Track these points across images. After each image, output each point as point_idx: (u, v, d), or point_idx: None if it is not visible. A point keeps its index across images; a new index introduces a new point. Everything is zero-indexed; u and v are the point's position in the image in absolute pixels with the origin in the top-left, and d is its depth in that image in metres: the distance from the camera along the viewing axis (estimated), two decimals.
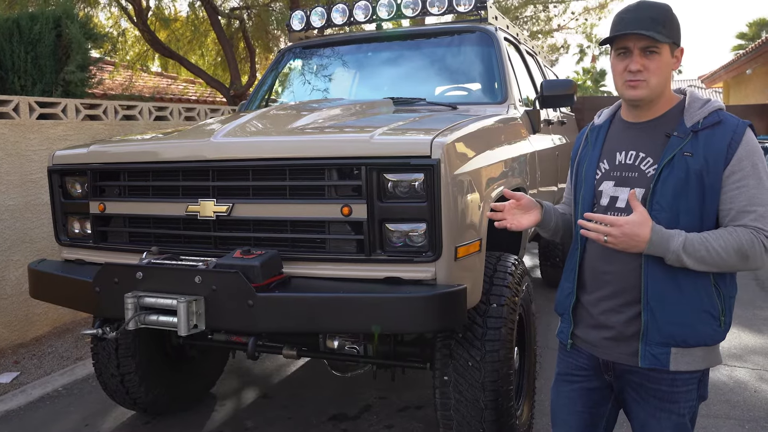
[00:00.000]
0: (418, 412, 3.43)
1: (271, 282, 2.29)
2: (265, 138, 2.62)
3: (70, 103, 5.12)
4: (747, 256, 1.59)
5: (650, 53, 1.65)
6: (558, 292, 1.95)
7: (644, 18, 1.64)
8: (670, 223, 1.63)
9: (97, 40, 6.44)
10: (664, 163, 1.65)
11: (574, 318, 1.86)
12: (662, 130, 1.70)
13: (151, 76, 14.24)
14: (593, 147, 1.85)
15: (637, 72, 1.66)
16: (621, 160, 1.76)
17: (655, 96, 1.70)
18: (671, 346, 1.67)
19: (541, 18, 16.08)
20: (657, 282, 1.66)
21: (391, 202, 2.28)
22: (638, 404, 1.78)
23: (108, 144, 2.95)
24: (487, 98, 3.62)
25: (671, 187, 1.64)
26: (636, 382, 1.76)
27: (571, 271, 1.86)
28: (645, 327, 1.67)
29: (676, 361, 1.67)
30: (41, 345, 4.70)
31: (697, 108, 1.69)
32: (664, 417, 1.72)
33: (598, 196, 1.79)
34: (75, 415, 3.57)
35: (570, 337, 1.87)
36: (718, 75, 18.09)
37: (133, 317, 2.34)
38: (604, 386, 1.86)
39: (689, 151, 1.63)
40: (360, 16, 4.02)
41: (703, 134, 1.64)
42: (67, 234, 2.95)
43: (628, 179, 1.73)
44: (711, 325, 1.67)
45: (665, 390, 1.71)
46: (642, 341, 1.68)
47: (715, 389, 3.63)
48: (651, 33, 1.61)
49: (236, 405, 3.67)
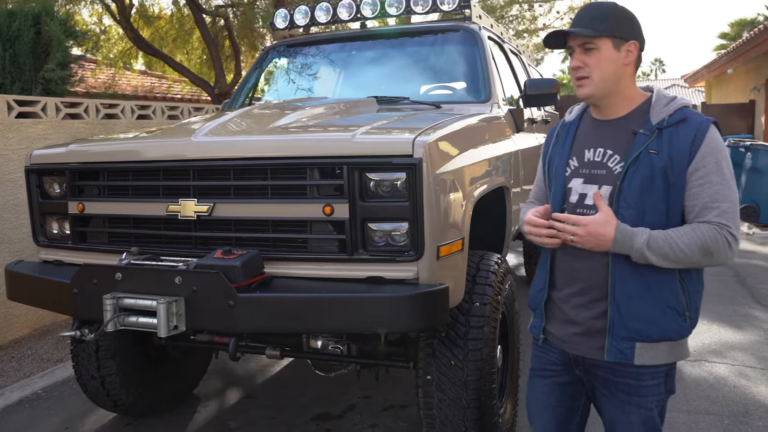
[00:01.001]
0: (402, 411, 3.43)
1: (252, 282, 2.27)
2: (247, 137, 2.60)
3: (50, 101, 5.05)
4: (711, 252, 1.62)
5: (588, 50, 1.70)
6: (531, 288, 1.98)
7: (583, 17, 1.72)
8: (637, 220, 1.66)
9: (78, 37, 6.37)
10: (630, 160, 1.67)
11: (546, 313, 1.89)
12: (629, 127, 1.73)
13: (134, 74, 14.11)
14: (563, 144, 1.87)
15: (578, 68, 1.72)
16: (590, 158, 1.78)
17: (604, 93, 1.74)
18: (636, 341, 1.70)
19: (526, 17, 16.16)
20: (623, 279, 1.68)
21: (373, 202, 2.27)
22: (606, 399, 1.81)
23: (87, 143, 2.91)
24: (471, 97, 3.62)
25: (637, 184, 1.66)
26: (603, 377, 1.79)
27: (543, 267, 1.89)
28: (611, 322, 1.71)
29: (640, 356, 1.70)
30: (20, 347, 4.63)
31: (662, 106, 1.72)
32: (632, 411, 1.76)
33: (567, 193, 1.81)
34: (55, 418, 3.52)
35: (542, 332, 1.90)
36: (701, 74, 18.30)
37: (112, 319, 2.31)
38: (576, 381, 1.89)
39: (654, 149, 1.66)
40: (344, 14, 4.00)
41: (667, 132, 1.67)
42: (45, 235, 2.91)
43: (596, 176, 1.75)
44: (676, 321, 1.70)
45: (632, 384, 1.74)
46: (608, 336, 1.72)
47: (695, 385, 3.67)
48: (577, 30, 1.69)
49: (219, 405, 3.64)
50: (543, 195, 2.01)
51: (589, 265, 1.74)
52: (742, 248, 7.65)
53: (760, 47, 12.05)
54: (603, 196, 1.70)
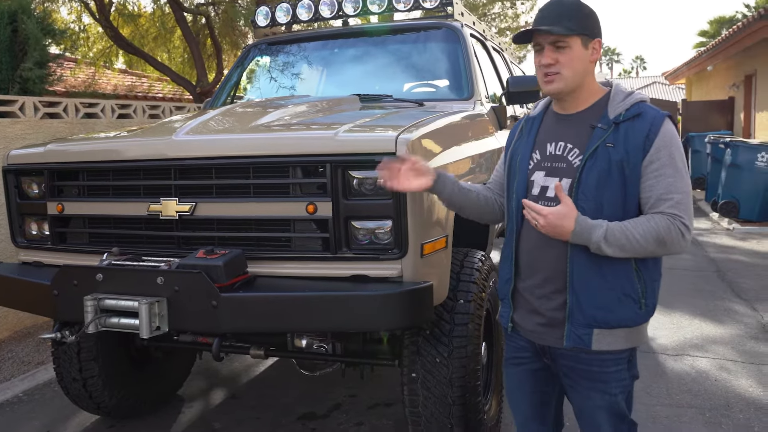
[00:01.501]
0: (388, 410, 3.43)
1: (235, 282, 2.26)
2: (228, 136, 2.58)
3: (28, 100, 4.97)
4: (665, 241, 1.67)
5: (559, 47, 1.73)
6: (499, 277, 2.01)
7: (551, 14, 1.74)
8: (595, 213, 1.71)
9: (56, 35, 6.28)
10: (588, 154, 1.72)
11: (513, 303, 1.93)
12: (588, 122, 1.78)
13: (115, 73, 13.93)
14: (527, 138, 1.92)
15: (549, 66, 1.74)
16: (551, 151, 1.83)
17: (572, 88, 1.78)
18: (594, 327, 1.75)
19: (508, 15, 16.23)
20: (581, 268, 1.74)
21: (357, 200, 2.27)
22: (572, 389, 1.87)
23: (66, 143, 2.87)
24: (454, 95, 3.63)
25: (595, 177, 1.71)
26: (567, 365, 1.85)
27: (508, 257, 1.93)
28: (570, 310, 1.76)
29: (598, 341, 1.76)
30: (1, 350, 4.56)
31: (619, 100, 1.77)
32: (597, 397, 1.82)
33: (530, 186, 1.86)
34: (36, 421, 3.47)
35: (510, 321, 1.93)
36: (681, 72, 18.50)
37: (93, 320, 2.29)
38: (547, 367, 1.94)
39: (611, 142, 1.71)
40: (326, 12, 3.98)
41: (624, 126, 1.72)
42: (24, 236, 2.86)
43: (557, 170, 1.81)
44: (632, 308, 1.75)
45: (596, 371, 1.80)
46: (567, 322, 1.77)
47: (677, 379, 3.72)
48: (551, 28, 1.71)
49: (204, 406, 3.62)
50: (499, 185, 2.07)
51: (548, 255, 1.79)
52: (723, 243, 7.77)
53: (739, 44, 12.21)
54: (565, 188, 1.75)
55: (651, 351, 4.18)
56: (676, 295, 5.46)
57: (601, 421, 1.84)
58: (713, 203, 9.69)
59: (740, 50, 12.53)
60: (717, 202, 9.37)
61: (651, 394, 3.51)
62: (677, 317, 4.90)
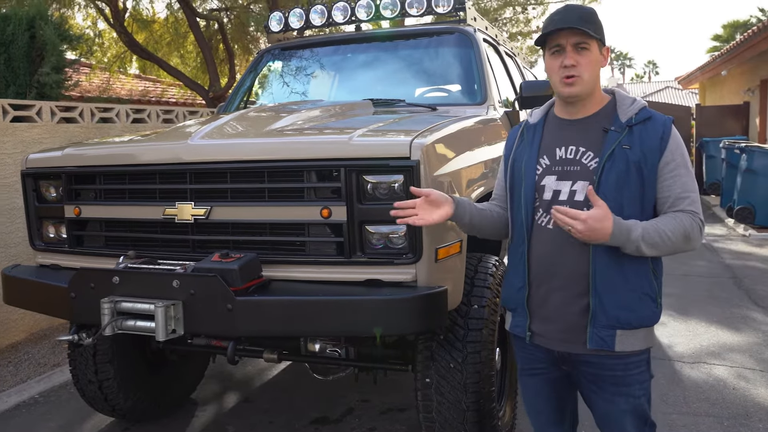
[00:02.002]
0: (401, 415, 3.42)
1: (250, 285, 2.27)
2: (243, 140, 2.59)
3: (45, 105, 5.03)
4: (690, 237, 1.74)
5: (581, 49, 1.77)
6: (505, 288, 2.01)
7: (573, 17, 1.76)
8: (616, 213, 1.72)
9: (73, 41, 6.35)
10: (606, 155, 1.76)
11: (529, 312, 1.91)
12: (599, 126, 1.81)
13: (129, 78, 14.08)
14: (530, 144, 1.92)
15: (572, 67, 1.76)
16: (561, 155, 1.84)
17: (588, 92, 1.81)
18: (616, 328, 1.77)
19: (520, 20, 16.20)
20: (604, 269, 1.76)
21: (371, 204, 2.27)
22: (596, 394, 1.87)
23: (83, 147, 2.90)
24: (467, 99, 3.62)
25: (614, 178, 1.74)
26: (591, 372, 1.85)
27: (520, 265, 1.91)
28: (593, 312, 1.77)
29: (621, 343, 1.78)
30: (17, 351, 4.61)
31: (628, 105, 1.83)
32: (622, 401, 1.84)
33: (540, 191, 1.86)
34: (52, 423, 3.50)
35: (528, 330, 1.91)
36: (694, 76, 18.36)
37: (109, 323, 2.30)
38: (565, 375, 1.94)
39: (627, 144, 1.76)
40: (339, 17, 4.00)
41: (637, 129, 1.77)
42: (42, 239, 2.90)
43: (570, 173, 1.82)
44: (650, 307, 1.80)
45: (620, 375, 1.82)
46: (590, 325, 1.78)
47: (695, 387, 3.67)
48: (582, 27, 1.74)
49: (217, 410, 3.63)
50: (503, 199, 2.05)
51: (567, 259, 1.80)
52: (739, 250, 7.69)
53: (754, 49, 12.10)
54: (580, 191, 1.78)
55: (667, 358, 4.14)
56: (691, 302, 5.40)
57: (626, 425, 1.85)
58: (728, 209, 9.59)
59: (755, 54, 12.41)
60: (732, 207, 9.27)
61: (668, 402, 3.47)
62: (693, 324, 4.85)
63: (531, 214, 1.86)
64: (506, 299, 2.00)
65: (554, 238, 1.80)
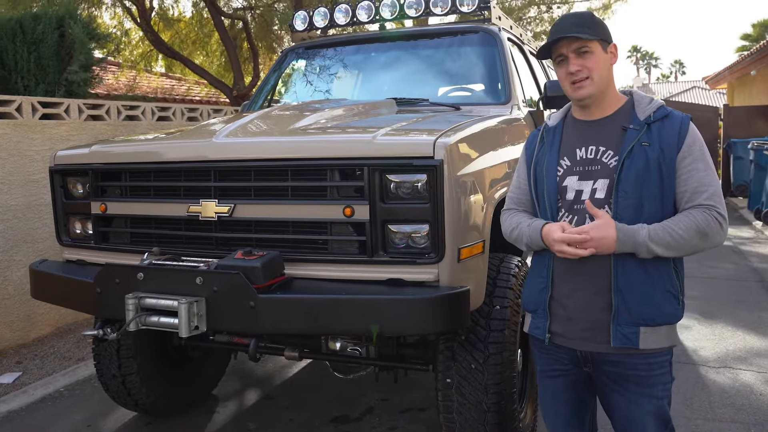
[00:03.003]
0: (421, 415, 3.41)
1: (272, 283, 2.28)
2: (267, 138, 2.61)
3: (73, 103, 5.12)
4: (706, 234, 1.73)
5: (583, 53, 1.81)
6: (526, 289, 2.02)
7: (567, 25, 1.83)
8: (636, 210, 1.76)
9: (100, 40, 6.45)
10: (625, 153, 1.78)
11: (550, 313, 1.90)
12: (617, 125, 1.85)
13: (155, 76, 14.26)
14: (550, 147, 1.95)
15: (577, 72, 1.81)
16: (582, 156, 1.87)
17: (601, 91, 1.85)
18: (640, 325, 1.78)
19: (544, 18, 16.04)
20: (625, 268, 1.77)
21: (394, 203, 2.26)
22: (618, 394, 1.86)
23: (110, 144, 2.94)
24: (491, 99, 3.60)
25: (634, 175, 1.77)
26: (614, 372, 1.85)
27: (542, 266, 1.92)
28: (616, 310, 1.78)
29: (645, 340, 1.78)
30: (43, 345, 4.70)
31: (646, 104, 1.86)
32: (645, 402, 1.83)
33: (562, 192, 1.88)
34: (77, 416, 3.56)
35: (547, 332, 1.91)
36: (723, 76, 18.02)
37: (134, 318, 2.33)
38: (586, 377, 1.93)
39: (646, 141, 1.78)
40: (363, 16, 4.00)
41: (655, 126, 1.80)
42: (69, 234, 2.94)
43: (591, 172, 1.85)
44: (673, 304, 1.81)
45: (643, 375, 1.82)
46: (613, 322, 1.79)
47: (720, 392, 3.61)
48: (575, 33, 1.78)
49: (238, 406, 3.66)
50: (526, 200, 2.03)
51: (591, 259, 1.79)
52: (767, 253, 7.52)
53: None
54: (601, 188, 1.81)
55: (692, 362, 4.07)
56: (718, 305, 5.30)
57: (648, 428, 1.84)
58: (756, 211, 9.39)
59: None
60: (761, 210, 9.07)
61: (692, 407, 3.41)
62: (719, 328, 4.76)
63: (554, 216, 1.88)
64: (527, 301, 2.00)
65: None
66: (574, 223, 1.83)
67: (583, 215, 1.82)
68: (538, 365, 2.04)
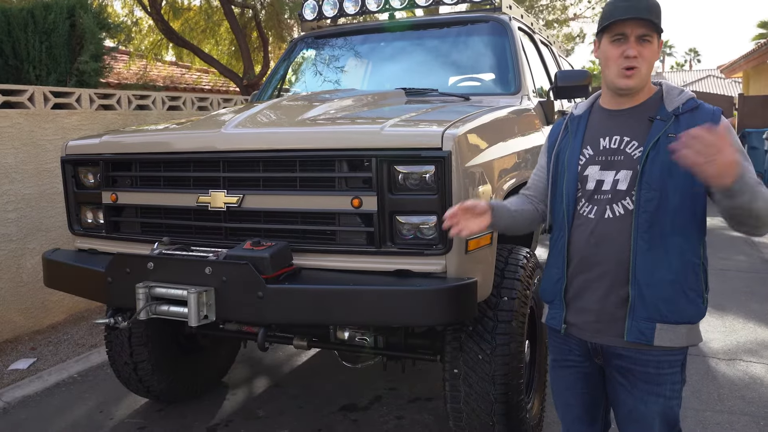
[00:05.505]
0: (429, 404, 3.43)
1: (280, 274, 2.29)
2: (276, 129, 2.61)
3: (84, 92, 5.15)
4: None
5: (645, 41, 1.72)
6: (543, 280, 1.98)
7: (641, 6, 1.69)
8: (660, 202, 1.70)
9: (111, 29, 6.46)
10: (650, 144, 1.72)
11: (566, 303, 1.88)
12: (644, 115, 1.78)
13: (165, 65, 14.29)
14: (574, 136, 1.90)
15: (633, 58, 1.71)
16: (605, 145, 1.82)
17: (643, 85, 1.78)
18: (656, 321, 1.72)
19: (557, 7, 15.89)
20: (644, 260, 1.71)
21: (402, 195, 2.27)
22: (626, 390, 1.83)
23: (120, 134, 2.96)
24: (501, 89, 3.58)
25: (658, 167, 1.70)
26: (624, 366, 1.81)
27: (559, 257, 1.88)
28: (632, 303, 1.73)
29: (660, 337, 1.73)
30: (57, 332, 4.76)
31: (675, 95, 1.79)
32: (652, 401, 1.79)
33: (582, 181, 1.83)
34: (90, 401, 3.61)
35: (563, 322, 1.89)
36: (738, 65, 17.77)
37: (144, 307, 2.36)
38: (598, 369, 1.91)
39: (673, 133, 1.69)
40: (372, 5, 3.99)
41: (684, 117, 1.73)
42: (80, 224, 2.97)
43: (613, 162, 1.79)
44: (695, 303, 1.75)
45: (652, 373, 1.77)
46: (629, 317, 1.74)
47: (730, 385, 3.59)
48: (652, 18, 1.69)
49: (248, 394, 3.70)
50: (542, 187, 2.02)
51: (608, 248, 1.76)
52: None
53: None
54: (623, 179, 1.75)
55: (701, 354, 4.06)
56: (729, 297, 5.27)
57: (654, 427, 1.80)
58: None
59: None
60: None
61: (701, 399, 3.41)
62: (730, 320, 4.74)
63: (573, 205, 1.83)
64: (544, 291, 1.97)
65: (595, 227, 1.77)
66: (594, 213, 1.78)
67: (604, 206, 1.77)
68: (551, 354, 2.02)
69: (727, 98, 16.72)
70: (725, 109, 14.01)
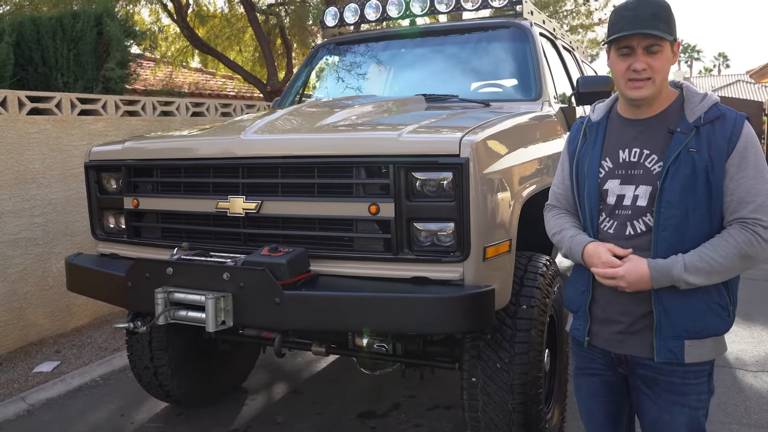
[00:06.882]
0: (447, 412, 3.40)
1: (298, 280, 2.29)
2: (294, 135, 2.62)
3: (110, 99, 5.24)
4: (750, 256, 1.62)
5: (653, 51, 1.65)
6: (568, 290, 1.95)
7: (646, 16, 1.62)
8: (681, 221, 1.65)
9: (137, 37, 6.57)
10: (670, 160, 1.66)
11: (590, 314, 1.85)
12: (664, 126, 1.72)
13: (191, 72, 14.49)
14: (593, 145, 1.84)
15: (642, 71, 1.66)
16: (625, 158, 1.76)
17: (656, 94, 1.71)
18: (684, 338, 1.70)
19: (581, 12, 15.74)
20: None
21: (419, 201, 2.25)
22: (650, 400, 1.80)
23: (142, 140, 3.00)
24: (521, 95, 3.55)
25: (679, 183, 1.65)
26: (648, 377, 1.78)
27: (585, 269, 1.84)
28: (658, 322, 1.70)
29: (690, 354, 1.70)
30: (81, 335, 4.83)
31: (697, 103, 1.71)
32: (677, 411, 1.76)
33: (603, 195, 1.79)
34: (111, 405, 3.66)
35: (587, 334, 1.86)
36: None
37: (162, 312, 2.38)
38: (622, 378, 1.88)
39: (694, 148, 1.64)
40: (393, 12, 4.00)
41: (704, 129, 1.66)
42: (103, 228, 3.02)
43: (633, 177, 1.74)
44: (721, 316, 1.71)
45: (677, 383, 1.74)
46: (656, 336, 1.72)
47: (757, 397, 3.49)
48: (655, 32, 1.62)
49: (266, 399, 3.70)
50: (568, 198, 1.95)
51: None
52: None
53: None
54: (642, 195, 1.70)
55: (728, 366, 3.96)
56: (757, 307, 5.14)
57: None
58: None
59: None
60: None
61: (727, 411, 3.32)
62: (758, 331, 4.62)
63: (596, 219, 1.80)
64: (569, 301, 1.94)
65: (617, 239, 1.74)
66: (614, 228, 1.75)
67: (624, 221, 1.73)
68: (575, 363, 2.00)
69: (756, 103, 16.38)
70: (755, 115, 13.72)
